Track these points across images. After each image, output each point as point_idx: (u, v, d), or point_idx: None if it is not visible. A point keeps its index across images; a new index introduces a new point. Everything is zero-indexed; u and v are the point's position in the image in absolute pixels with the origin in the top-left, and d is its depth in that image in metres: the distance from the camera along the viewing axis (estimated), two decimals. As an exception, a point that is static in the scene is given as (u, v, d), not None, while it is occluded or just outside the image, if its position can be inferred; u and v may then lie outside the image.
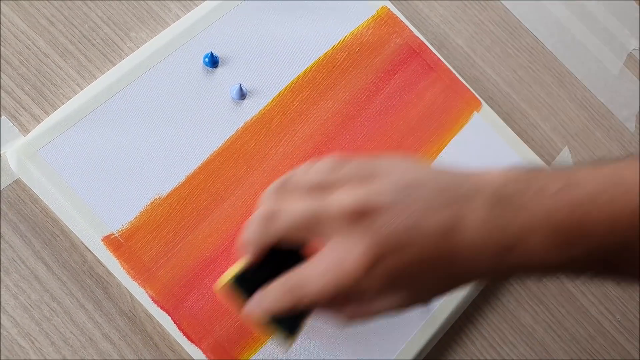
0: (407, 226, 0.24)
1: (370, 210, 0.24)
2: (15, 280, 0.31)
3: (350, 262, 0.24)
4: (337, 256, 0.25)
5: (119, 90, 0.34)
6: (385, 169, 0.26)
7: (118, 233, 0.32)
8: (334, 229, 0.25)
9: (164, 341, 0.32)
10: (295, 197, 0.26)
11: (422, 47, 0.41)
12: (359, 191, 0.25)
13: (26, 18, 0.35)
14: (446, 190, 0.25)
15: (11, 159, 0.32)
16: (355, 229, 0.24)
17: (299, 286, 0.25)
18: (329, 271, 0.25)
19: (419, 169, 0.26)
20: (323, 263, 0.25)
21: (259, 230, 0.26)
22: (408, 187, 0.25)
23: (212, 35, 0.37)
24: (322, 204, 0.25)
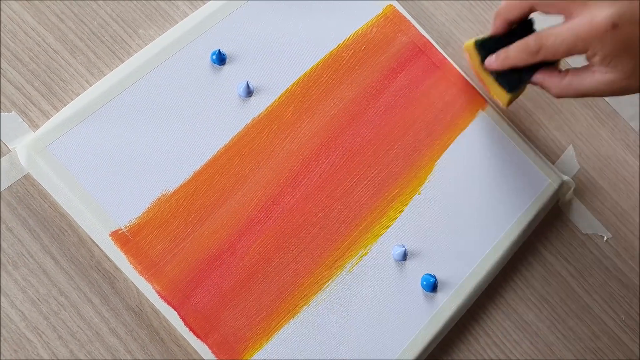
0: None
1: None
2: (23, 274, 0.31)
3: (592, 24, 0.30)
4: (582, 19, 0.30)
5: (127, 86, 0.35)
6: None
7: (125, 228, 0.32)
8: (585, 1, 0.30)
9: (170, 336, 0.32)
10: None
11: (428, 46, 0.41)
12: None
13: (36, 15, 0.36)
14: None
15: (21, 154, 0.33)
16: (604, 1, 0.29)
17: (541, 38, 0.32)
18: (571, 29, 0.31)
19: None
20: (568, 24, 0.31)
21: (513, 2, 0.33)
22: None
23: (219, 33, 0.37)
24: None
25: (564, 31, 0.32)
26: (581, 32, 0.31)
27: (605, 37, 0.30)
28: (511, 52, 0.34)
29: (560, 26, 0.32)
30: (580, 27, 0.31)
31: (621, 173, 0.45)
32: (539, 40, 0.33)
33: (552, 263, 0.41)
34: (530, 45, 0.33)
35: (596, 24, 0.30)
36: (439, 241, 0.37)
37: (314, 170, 0.36)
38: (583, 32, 0.30)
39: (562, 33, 0.32)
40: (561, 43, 0.32)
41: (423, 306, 0.35)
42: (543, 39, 0.32)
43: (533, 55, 0.33)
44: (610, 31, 0.29)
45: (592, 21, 0.30)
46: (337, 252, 0.35)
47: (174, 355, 0.32)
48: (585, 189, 0.43)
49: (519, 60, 0.34)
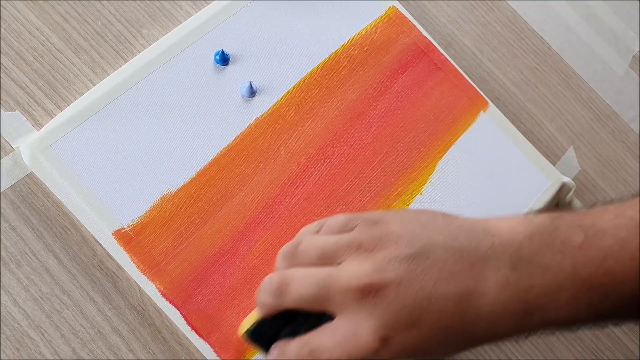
0: (419, 300, 0.23)
1: (378, 286, 0.24)
2: (26, 273, 0.31)
3: (361, 340, 0.24)
4: (349, 331, 0.24)
5: (131, 86, 0.35)
6: (394, 233, 0.25)
7: (128, 227, 0.32)
8: (344, 303, 0.25)
9: (173, 335, 0.32)
10: (304, 267, 0.27)
11: (430, 47, 0.41)
12: (366, 264, 0.24)
13: (40, 14, 0.36)
14: (460, 253, 0.24)
15: (24, 153, 0.33)
16: (364, 304, 0.24)
17: (314, 354, 0.25)
18: (342, 345, 0.25)
19: (430, 228, 0.25)
20: (337, 336, 0.25)
21: (271, 299, 0.27)
22: (419, 255, 0.24)
23: (223, 33, 0.37)
24: (329, 279, 0.25)
25: (333, 348, 0.25)
26: (359, 344, 0.24)
27: (386, 345, 0.24)
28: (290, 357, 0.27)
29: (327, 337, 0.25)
30: (350, 345, 0.24)
31: (621, 174, 0.45)
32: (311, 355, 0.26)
33: (552, 264, 0.41)
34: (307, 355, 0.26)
35: (365, 343, 0.24)
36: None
37: (316, 170, 0.36)
38: (360, 343, 0.24)
39: (333, 350, 0.25)
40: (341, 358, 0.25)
41: None
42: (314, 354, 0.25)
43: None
44: (384, 345, 0.24)
45: (359, 338, 0.24)
46: (339, 252, 0.35)
47: (176, 354, 0.32)
48: (585, 190, 0.44)
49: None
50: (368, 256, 0.25)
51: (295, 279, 0.26)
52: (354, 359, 0.24)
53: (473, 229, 0.25)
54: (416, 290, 0.23)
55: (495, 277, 0.23)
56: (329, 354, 0.25)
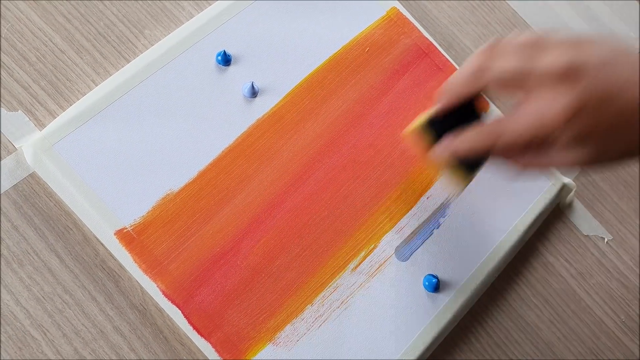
0: (609, 91, 0.26)
1: (578, 70, 0.27)
2: (28, 272, 0.31)
3: (553, 111, 0.27)
4: (541, 105, 0.27)
5: (133, 86, 0.35)
6: (594, 41, 0.28)
7: (130, 227, 0.32)
8: (541, 84, 0.27)
9: (174, 335, 0.32)
10: (507, 55, 0.29)
11: (431, 48, 0.41)
12: (569, 53, 0.27)
13: (43, 15, 0.36)
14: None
15: (27, 153, 0.33)
16: (562, 85, 0.27)
17: (498, 128, 0.29)
18: (531, 116, 0.28)
19: (622, 45, 0.28)
20: (526, 111, 0.28)
21: (467, 78, 0.30)
22: (615, 58, 0.27)
23: (224, 34, 0.37)
24: (533, 61, 0.28)
25: (524, 118, 0.28)
26: (542, 120, 0.27)
27: (568, 124, 0.27)
28: (469, 139, 0.30)
29: (517, 112, 0.29)
30: (540, 114, 0.27)
31: (622, 175, 0.45)
32: (499, 127, 0.29)
33: (553, 264, 0.41)
34: (491, 132, 0.29)
35: (557, 113, 0.27)
36: (442, 241, 0.37)
37: (317, 171, 0.36)
38: (544, 120, 0.27)
39: (523, 121, 0.28)
40: (523, 132, 0.28)
41: (425, 306, 0.35)
42: (503, 126, 0.29)
43: (493, 143, 0.29)
44: (573, 118, 0.27)
45: (552, 109, 0.27)
46: (340, 252, 0.35)
47: (177, 353, 0.32)
48: (586, 190, 0.44)
49: (478, 147, 0.30)
50: (570, 50, 0.27)
51: (497, 60, 0.29)
52: (538, 129, 0.27)
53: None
54: (609, 83, 0.27)
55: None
56: (513, 127, 0.28)
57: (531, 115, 0.28)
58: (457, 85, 0.30)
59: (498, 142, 0.29)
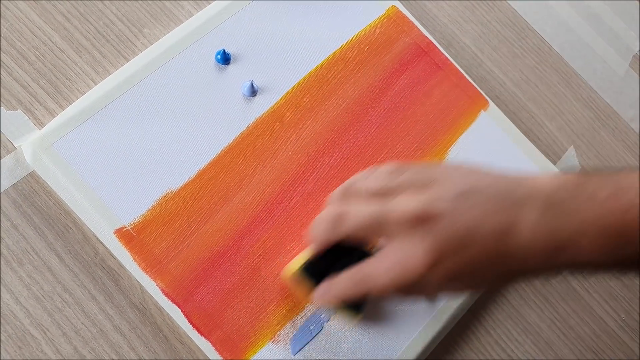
0: (465, 230, 0.26)
1: (430, 215, 0.26)
2: (28, 271, 0.31)
3: (413, 262, 0.27)
4: (401, 256, 0.27)
5: (132, 85, 0.35)
6: (443, 176, 0.28)
7: (130, 226, 0.32)
8: (396, 231, 0.27)
9: (174, 334, 0.32)
10: (360, 202, 0.29)
11: (430, 47, 0.41)
12: (419, 197, 0.27)
13: (42, 14, 0.36)
14: (501, 196, 0.27)
15: (26, 152, 0.33)
16: (417, 232, 0.27)
17: (366, 280, 0.28)
18: (394, 269, 0.27)
19: (475, 175, 0.28)
20: (388, 261, 0.28)
21: (327, 229, 0.29)
22: (466, 194, 0.27)
23: (224, 33, 0.37)
24: (385, 209, 0.28)
25: (389, 267, 0.27)
26: (408, 267, 0.27)
27: (434, 268, 0.26)
28: (341, 287, 0.29)
29: (383, 258, 0.28)
30: (404, 261, 0.27)
31: (622, 174, 0.45)
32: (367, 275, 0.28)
33: (553, 263, 0.41)
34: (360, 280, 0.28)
35: (416, 265, 0.26)
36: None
37: (317, 170, 0.36)
38: (410, 266, 0.27)
39: (388, 270, 0.27)
40: (391, 281, 0.27)
41: (425, 304, 0.35)
42: (371, 274, 0.28)
43: (364, 294, 0.29)
44: (437, 262, 0.26)
45: (410, 260, 0.27)
46: (340, 251, 0.35)
47: (177, 352, 0.32)
48: (586, 189, 0.44)
49: (351, 296, 0.29)
50: (420, 192, 0.27)
51: (352, 210, 0.29)
52: (403, 282, 0.27)
53: (512, 178, 0.28)
54: (463, 222, 0.26)
55: (529, 217, 0.26)
56: (380, 278, 0.28)
57: (395, 266, 0.27)
58: (319, 235, 0.30)
59: (369, 291, 0.28)
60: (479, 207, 0.26)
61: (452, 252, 0.26)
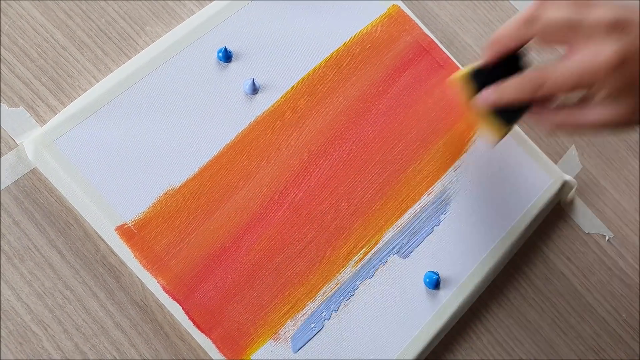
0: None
1: (626, 23, 0.28)
2: (29, 268, 0.31)
3: (599, 60, 0.28)
4: (588, 54, 0.29)
5: (134, 83, 0.35)
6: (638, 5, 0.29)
7: (131, 223, 0.33)
8: (589, 35, 0.29)
9: (174, 330, 0.32)
10: (558, 7, 0.30)
11: (432, 45, 0.41)
12: (617, 10, 0.29)
13: (45, 12, 0.36)
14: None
15: (28, 148, 0.33)
16: (609, 36, 0.29)
17: (543, 76, 0.30)
18: (577, 64, 0.29)
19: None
20: (574, 59, 0.29)
21: (518, 27, 0.31)
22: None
23: (226, 31, 0.37)
24: (583, 13, 0.29)
25: (569, 66, 0.29)
26: (587, 67, 0.29)
27: (613, 74, 0.28)
28: (511, 87, 0.31)
29: (562, 61, 0.30)
30: (586, 62, 0.29)
31: (623, 173, 0.45)
32: (543, 74, 0.30)
33: (554, 262, 0.41)
34: (533, 79, 0.30)
35: (604, 60, 0.28)
36: (443, 238, 0.37)
37: (318, 167, 0.36)
38: (590, 67, 0.29)
39: (567, 68, 0.29)
40: (567, 78, 0.29)
41: (426, 303, 0.35)
42: (547, 73, 0.30)
43: (536, 90, 0.30)
44: (618, 67, 0.28)
45: (598, 56, 0.29)
46: (341, 249, 0.35)
47: (178, 349, 0.32)
48: (587, 188, 0.44)
49: (521, 95, 0.31)
50: (619, 6, 0.29)
51: (549, 10, 0.30)
52: (584, 76, 0.29)
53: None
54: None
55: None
56: (555, 76, 0.30)
57: (576, 64, 0.29)
58: (507, 34, 0.32)
59: (540, 90, 0.30)
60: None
61: (637, 60, 0.28)
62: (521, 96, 0.31)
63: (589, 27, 0.29)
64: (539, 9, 0.31)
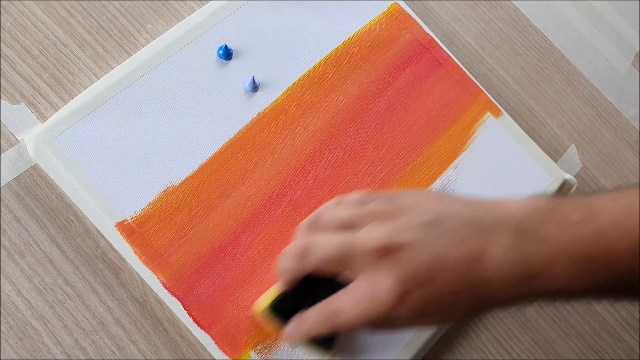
0: (432, 260, 0.25)
1: (396, 246, 0.26)
2: (30, 264, 0.32)
3: (380, 296, 0.26)
4: (369, 289, 0.26)
5: (134, 80, 0.35)
6: (410, 205, 0.27)
7: (131, 219, 0.33)
8: (363, 264, 0.27)
9: (174, 327, 0.32)
10: (326, 234, 0.29)
11: (432, 44, 0.41)
12: (385, 228, 0.26)
13: (46, 9, 0.36)
14: (469, 223, 0.26)
15: (29, 145, 0.33)
16: (383, 264, 0.26)
17: (335, 315, 0.28)
18: (362, 303, 0.27)
19: (442, 202, 0.27)
20: (356, 295, 0.27)
21: (294, 263, 0.29)
22: (432, 222, 0.26)
23: (226, 28, 0.37)
24: (351, 241, 0.27)
25: (357, 301, 0.27)
26: (373, 307, 0.26)
27: (402, 302, 0.26)
28: (310, 324, 0.29)
29: (351, 292, 0.27)
30: (368, 300, 0.26)
31: (623, 172, 0.45)
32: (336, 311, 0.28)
33: (553, 260, 0.41)
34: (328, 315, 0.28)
35: (388, 291, 0.26)
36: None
37: (318, 165, 0.37)
38: (377, 301, 0.26)
39: (356, 304, 0.27)
40: (360, 316, 0.27)
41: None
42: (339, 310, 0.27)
43: (334, 325, 0.28)
44: (405, 295, 0.25)
45: (382, 288, 0.26)
46: (340, 246, 0.35)
47: (177, 345, 0.32)
48: (587, 187, 0.44)
49: (322, 331, 0.29)
50: (386, 222, 0.27)
51: (319, 242, 0.28)
52: (372, 316, 0.26)
53: (480, 204, 0.27)
54: (430, 251, 0.25)
55: (499, 244, 0.25)
56: (349, 313, 0.27)
57: (363, 300, 0.26)
58: (286, 269, 0.29)
59: (338, 326, 0.28)
60: (446, 236, 0.26)
61: (421, 283, 0.25)
62: (321, 333, 0.29)
63: (361, 256, 0.26)
64: (310, 236, 0.29)
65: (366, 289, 0.27)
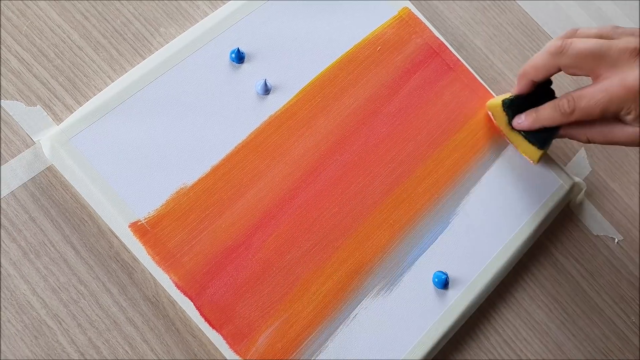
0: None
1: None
2: (45, 263, 0.32)
3: (626, 85, 0.31)
4: (615, 80, 0.32)
5: (148, 83, 0.35)
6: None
7: (144, 220, 0.33)
8: (615, 62, 0.32)
9: (186, 327, 0.33)
10: (584, 39, 0.33)
11: (442, 48, 0.42)
12: (637, 40, 0.32)
13: (62, 13, 0.37)
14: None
15: (45, 146, 0.33)
16: (635, 62, 0.31)
17: (575, 99, 0.33)
18: (605, 89, 0.32)
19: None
20: (600, 85, 0.32)
21: (547, 59, 0.34)
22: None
23: (238, 32, 0.38)
24: (608, 42, 0.32)
25: (597, 92, 0.32)
26: (614, 93, 0.32)
27: (638, 97, 0.31)
28: (543, 113, 0.35)
29: (591, 87, 0.33)
30: (613, 88, 0.32)
31: (632, 176, 0.45)
32: (572, 101, 0.33)
33: (562, 263, 0.41)
34: (564, 106, 0.34)
35: (629, 85, 0.31)
36: (452, 239, 0.37)
37: (328, 167, 0.37)
38: (616, 93, 0.32)
39: (596, 94, 0.32)
40: (595, 104, 0.32)
41: (434, 303, 0.36)
42: (576, 100, 0.33)
43: (566, 116, 0.34)
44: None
45: (624, 82, 0.31)
46: (350, 248, 0.36)
47: (189, 345, 0.33)
48: (596, 190, 0.44)
49: (552, 121, 0.35)
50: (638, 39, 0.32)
51: (575, 41, 0.33)
52: (618, 98, 0.32)
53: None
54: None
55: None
56: (585, 101, 0.32)
57: (603, 91, 0.32)
58: (536, 65, 0.34)
59: (571, 116, 0.33)
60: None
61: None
62: (553, 120, 0.35)
63: (615, 56, 0.32)
64: (566, 40, 0.33)
65: (612, 80, 0.31)
